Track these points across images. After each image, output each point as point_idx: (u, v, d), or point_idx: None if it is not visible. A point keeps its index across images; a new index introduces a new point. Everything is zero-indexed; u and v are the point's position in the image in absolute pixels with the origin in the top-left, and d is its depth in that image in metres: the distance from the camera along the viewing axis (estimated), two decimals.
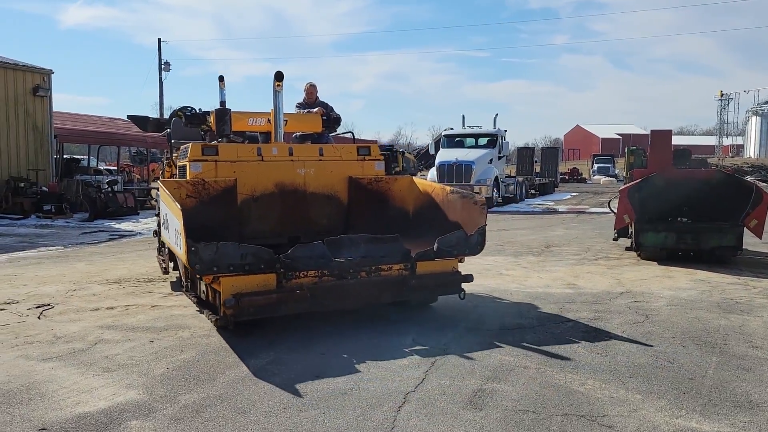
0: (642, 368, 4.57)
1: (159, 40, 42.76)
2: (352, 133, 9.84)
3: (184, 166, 6.75)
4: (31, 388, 4.24)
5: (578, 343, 5.20)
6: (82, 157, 24.64)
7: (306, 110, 9.25)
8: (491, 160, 22.76)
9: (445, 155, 22.90)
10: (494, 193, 22.49)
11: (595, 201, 26.54)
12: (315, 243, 5.45)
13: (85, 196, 17.76)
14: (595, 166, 57.36)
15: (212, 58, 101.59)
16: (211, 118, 7.48)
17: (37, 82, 18.27)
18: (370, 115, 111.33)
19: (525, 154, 36.26)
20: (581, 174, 55.06)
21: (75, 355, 4.95)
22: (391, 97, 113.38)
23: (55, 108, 18.70)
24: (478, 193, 21.98)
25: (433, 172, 22.89)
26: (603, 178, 50.76)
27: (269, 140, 7.45)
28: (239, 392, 4.13)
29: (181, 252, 5.00)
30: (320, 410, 3.83)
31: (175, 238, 5.26)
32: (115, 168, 25.72)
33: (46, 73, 18.64)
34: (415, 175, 35.52)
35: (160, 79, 41.85)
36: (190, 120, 7.96)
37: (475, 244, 5.73)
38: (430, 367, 4.57)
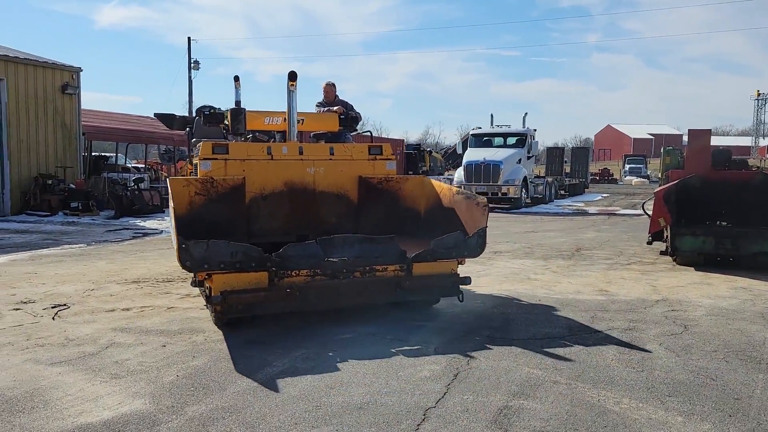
0: (682, 386, 4.24)
1: (189, 39, 43.10)
2: (371, 132, 9.74)
3: (197, 164, 6.82)
4: (35, 395, 4.07)
5: (612, 355, 4.88)
6: (110, 154, 24.81)
7: (325, 109, 9.15)
8: (520, 159, 22.35)
9: (472, 155, 22.54)
10: (522, 193, 22.07)
11: (627, 202, 25.93)
12: (308, 242, 5.48)
13: (111, 193, 17.81)
14: (627, 166, 56.39)
15: (242, 58, 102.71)
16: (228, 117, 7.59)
17: (65, 80, 18.37)
18: (399, 114, 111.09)
19: (554, 154, 35.68)
20: (612, 174, 54.14)
21: (84, 360, 4.78)
22: (419, 96, 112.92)
23: (88, 106, 18.82)
24: (506, 193, 21.64)
25: (460, 172, 22.56)
26: (635, 179, 49.83)
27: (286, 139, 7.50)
28: (249, 404, 3.90)
29: (174, 249, 5.04)
30: (333, 426, 3.58)
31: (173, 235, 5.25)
32: (143, 166, 25.87)
33: (75, 71, 18.74)
34: (442, 174, 35.23)
35: (190, 77, 42.18)
36: (207, 119, 8.11)
37: (475, 247, 5.64)
38: (453, 380, 4.30)
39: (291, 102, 7.05)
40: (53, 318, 6.07)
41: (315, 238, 5.59)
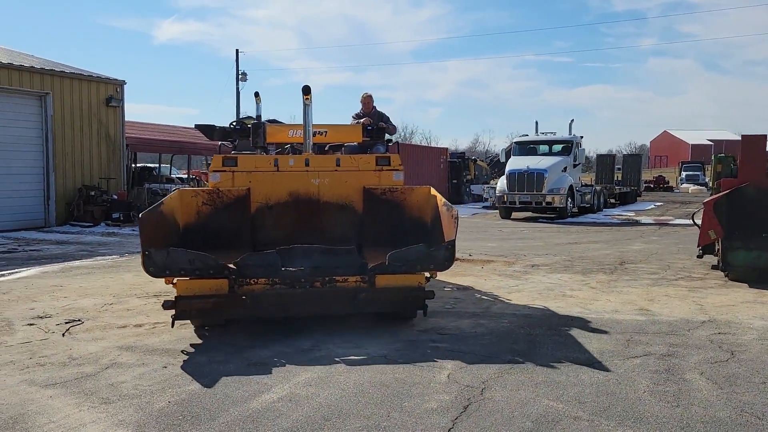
0: (722, 425, 3.74)
1: (237, 51, 43.80)
2: (398, 143, 9.73)
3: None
4: (19, 422, 3.87)
5: (645, 386, 4.40)
6: (155, 165, 25.20)
7: (355, 121, 9.19)
8: (565, 168, 21.64)
9: (515, 163, 21.94)
10: (568, 203, 21.34)
11: (681, 211, 24.83)
12: (267, 252, 5.76)
13: (152, 204, 17.95)
14: (684, 173, 54.43)
15: (294, 69, 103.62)
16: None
17: (110, 93, 18.68)
18: (448, 122, 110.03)
19: (605, 161, 34.54)
20: (668, 182, 52.31)
21: (80, 382, 4.58)
22: (469, 104, 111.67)
23: (145, 119, 19.08)
24: (550, 203, 20.96)
25: (502, 181, 21.98)
26: (692, 187, 47.99)
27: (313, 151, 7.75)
28: None
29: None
30: None
31: None
32: (186, 176, 26.17)
33: (119, 84, 19.05)
34: (487, 183, 34.57)
35: (237, 89, 42.74)
36: (236, 133, 8.61)
37: (442, 260, 5.54)
38: (461, 413, 3.91)
39: (306, 115, 7.26)
40: (63, 334, 5.94)
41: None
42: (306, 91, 7.08)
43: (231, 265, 5.52)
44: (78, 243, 13.88)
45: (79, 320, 6.49)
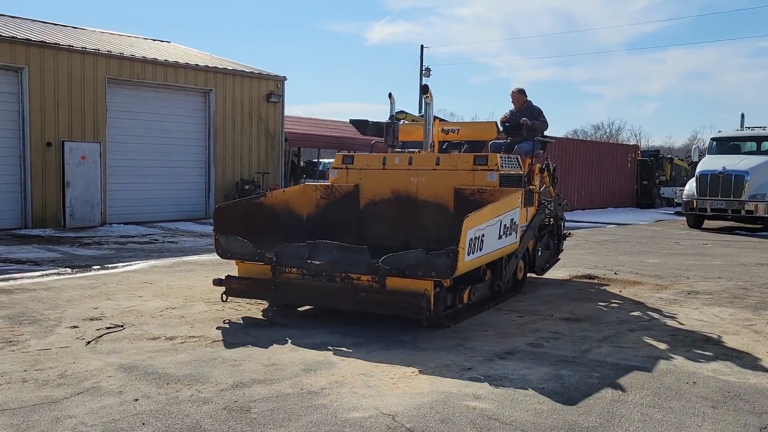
0: None
1: (421, 47, 43.74)
2: (544, 140, 8.95)
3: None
4: None
5: None
6: (322, 161, 25.58)
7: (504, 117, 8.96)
8: None
9: (709, 163, 18.69)
10: None
11: None
12: (300, 244, 6.18)
13: None
14: None
15: (498, 65, 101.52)
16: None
17: (270, 89, 19.07)
18: (664, 118, 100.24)
19: None
20: None
21: (35, 410, 3.98)
22: (690, 98, 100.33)
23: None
24: (751, 211, 17.52)
25: (691, 184, 18.83)
26: None
27: (447, 150, 8.47)
28: None
29: None
30: None
31: None
32: None
33: (280, 80, 19.37)
34: (684, 185, 30.51)
35: (421, 85, 42.56)
36: (371, 130, 8.75)
37: (443, 268, 5.47)
38: None
39: (427, 113, 7.76)
40: (88, 342, 5.50)
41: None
42: (425, 90, 7.47)
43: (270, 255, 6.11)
44: (208, 235, 14.07)
45: (121, 326, 6.07)
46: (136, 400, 4.18)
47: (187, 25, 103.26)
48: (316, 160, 25.99)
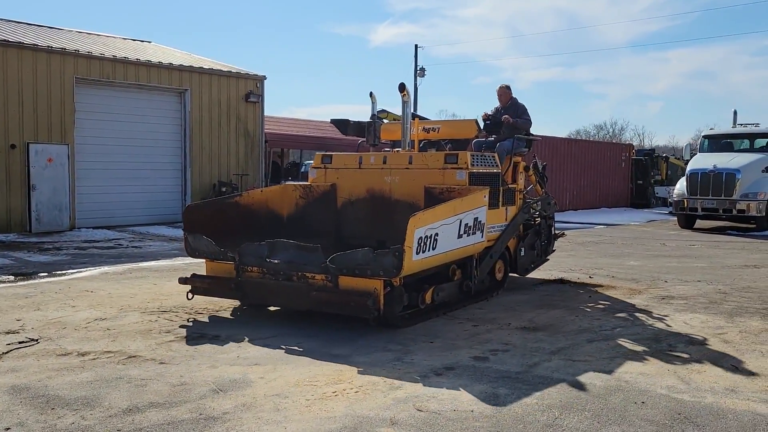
0: None
1: (416, 46, 43.16)
2: (528, 137, 8.65)
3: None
4: None
5: None
6: (306, 162, 25.09)
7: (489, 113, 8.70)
8: (767, 167, 17.42)
9: (700, 161, 18.15)
10: None
11: None
12: (261, 243, 6.17)
13: None
14: None
15: (502, 66, 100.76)
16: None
17: (249, 89, 18.58)
18: (668, 118, 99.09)
19: None
20: None
21: None
22: (694, 97, 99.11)
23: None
24: (743, 211, 17.00)
25: (682, 183, 18.29)
26: None
27: (425, 148, 8.26)
28: None
29: None
30: None
31: None
32: None
33: (259, 80, 18.86)
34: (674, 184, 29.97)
35: (415, 84, 42.03)
36: (352, 129, 8.78)
37: (389, 266, 5.40)
38: None
39: (405, 112, 7.56)
40: None
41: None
42: (401, 88, 7.36)
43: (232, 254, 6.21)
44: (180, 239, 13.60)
45: (36, 340, 5.59)
46: (8, 429, 3.70)
47: (189, 29, 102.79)
48: (299, 161, 25.49)
